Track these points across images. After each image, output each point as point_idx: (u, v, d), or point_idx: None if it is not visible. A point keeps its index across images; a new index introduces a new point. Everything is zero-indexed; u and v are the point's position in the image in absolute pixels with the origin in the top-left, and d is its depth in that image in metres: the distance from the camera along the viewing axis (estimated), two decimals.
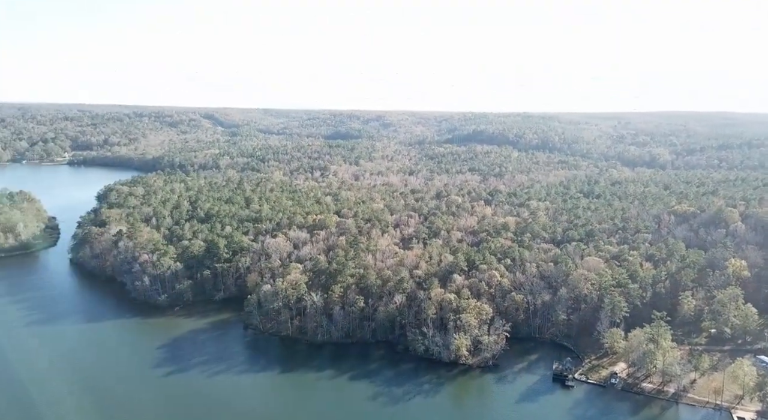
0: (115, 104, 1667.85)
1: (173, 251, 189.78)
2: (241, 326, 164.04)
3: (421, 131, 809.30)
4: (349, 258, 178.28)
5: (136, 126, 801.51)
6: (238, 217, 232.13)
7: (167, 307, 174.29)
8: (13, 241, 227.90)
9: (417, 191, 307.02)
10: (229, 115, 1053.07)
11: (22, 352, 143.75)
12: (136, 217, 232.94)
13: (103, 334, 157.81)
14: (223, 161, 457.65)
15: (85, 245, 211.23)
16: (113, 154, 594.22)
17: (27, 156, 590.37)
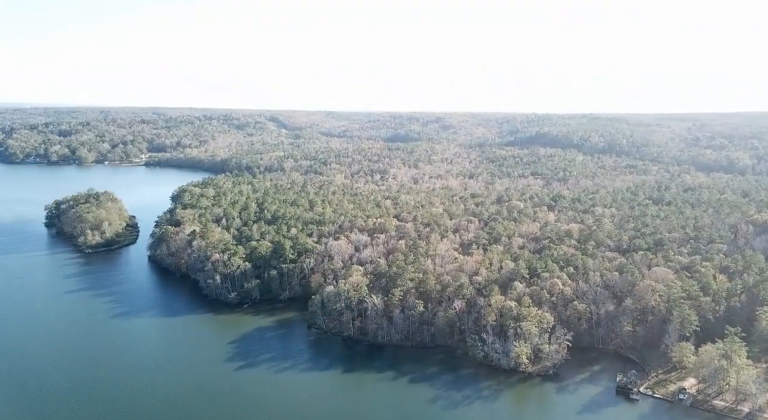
0: (187, 107, 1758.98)
1: (242, 251, 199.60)
2: (305, 325, 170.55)
3: (482, 133, 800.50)
4: (409, 262, 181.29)
5: (205, 128, 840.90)
6: (302, 219, 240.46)
7: (236, 304, 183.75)
8: (99, 238, 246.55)
9: (477, 195, 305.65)
10: (292, 117, 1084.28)
11: (111, 344, 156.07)
12: (207, 218, 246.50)
13: (179, 329, 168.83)
14: (287, 164, 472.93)
15: (162, 243, 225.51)
16: (185, 155, 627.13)
17: (109, 157, 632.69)
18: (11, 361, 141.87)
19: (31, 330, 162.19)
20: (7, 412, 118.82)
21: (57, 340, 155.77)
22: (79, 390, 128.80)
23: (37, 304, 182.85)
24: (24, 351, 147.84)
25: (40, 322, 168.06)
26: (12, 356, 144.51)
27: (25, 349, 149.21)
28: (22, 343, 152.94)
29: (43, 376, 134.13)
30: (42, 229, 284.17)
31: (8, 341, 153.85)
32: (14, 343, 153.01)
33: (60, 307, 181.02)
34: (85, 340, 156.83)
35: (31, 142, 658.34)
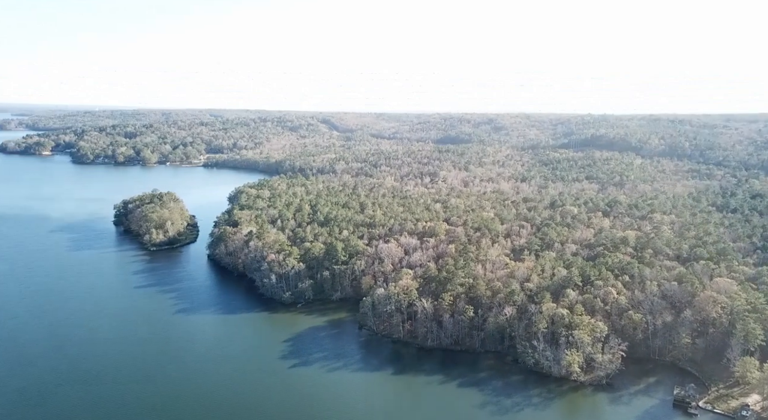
0: (242, 109, 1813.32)
1: (296, 252, 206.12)
2: (356, 326, 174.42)
3: (535, 135, 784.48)
4: (459, 267, 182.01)
5: (260, 130, 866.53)
6: (353, 221, 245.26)
7: (290, 303, 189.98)
8: (162, 237, 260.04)
9: (529, 200, 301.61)
10: (344, 119, 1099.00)
11: (174, 338, 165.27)
12: (263, 219, 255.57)
13: (237, 326, 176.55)
14: (338, 166, 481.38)
15: (220, 243, 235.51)
16: (241, 157, 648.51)
17: (170, 158, 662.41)
18: (82, 348, 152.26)
19: (103, 322, 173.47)
20: (73, 395, 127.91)
21: (125, 333, 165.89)
22: (142, 379, 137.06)
23: (108, 299, 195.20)
24: (94, 340, 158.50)
25: (110, 316, 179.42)
26: (83, 344, 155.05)
27: (95, 338, 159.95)
28: (93, 333, 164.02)
29: (110, 365, 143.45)
30: (111, 227, 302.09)
31: (81, 331, 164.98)
32: (86, 332, 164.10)
33: (128, 302, 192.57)
34: (150, 333, 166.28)
35: (100, 143, 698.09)
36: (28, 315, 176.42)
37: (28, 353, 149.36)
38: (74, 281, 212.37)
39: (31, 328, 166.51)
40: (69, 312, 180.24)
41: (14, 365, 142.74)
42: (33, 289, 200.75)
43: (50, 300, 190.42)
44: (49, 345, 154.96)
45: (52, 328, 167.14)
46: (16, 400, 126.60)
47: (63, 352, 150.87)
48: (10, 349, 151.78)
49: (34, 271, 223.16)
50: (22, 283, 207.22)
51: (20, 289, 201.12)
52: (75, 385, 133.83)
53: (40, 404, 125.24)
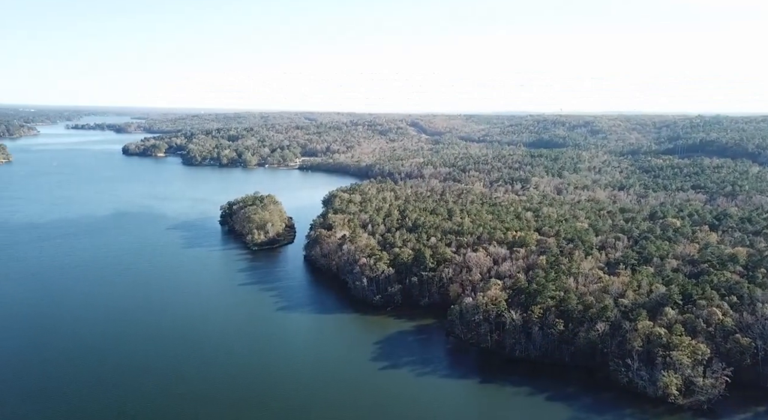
0: (334, 111, 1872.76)
1: (386, 257, 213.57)
2: (444, 333, 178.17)
3: (636, 139, 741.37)
4: (549, 279, 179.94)
5: (352, 134, 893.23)
6: (441, 228, 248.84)
7: (380, 307, 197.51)
8: (263, 237, 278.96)
9: (627, 210, 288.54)
10: (433, 122, 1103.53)
11: (273, 334, 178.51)
12: (356, 223, 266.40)
13: (330, 325, 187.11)
14: (426, 170, 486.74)
15: (316, 245, 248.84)
16: (334, 160, 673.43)
17: (268, 161, 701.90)
18: (188, 342, 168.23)
19: (211, 316, 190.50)
20: (169, 383, 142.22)
21: (230, 327, 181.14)
22: (239, 373, 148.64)
23: (216, 294, 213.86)
24: (197, 333, 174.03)
25: (217, 310, 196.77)
26: (189, 337, 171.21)
27: (199, 332, 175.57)
28: (198, 327, 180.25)
29: (210, 358, 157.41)
30: (217, 226, 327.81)
31: (186, 325, 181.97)
32: (190, 327, 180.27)
33: (233, 298, 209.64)
34: (251, 329, 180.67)
35: (207, 146, 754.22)
36: (152, 305, 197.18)
37: (151, 336, 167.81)
38: (187, 276, 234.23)
39: (154, 316, 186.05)
40: (183, 305, 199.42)
41: (140, 346, 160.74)
42: (154, 282, 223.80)
43: (167, 293, 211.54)
44: (166, 329, 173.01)
45: (171, 315, 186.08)
46: (125, 381, 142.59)
47: (175, 338, 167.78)
48: (141, 334, 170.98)
49: (155, 265, 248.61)
50: (145, 276, 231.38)
51: (145, 281, 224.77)
52: (174, 376, 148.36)
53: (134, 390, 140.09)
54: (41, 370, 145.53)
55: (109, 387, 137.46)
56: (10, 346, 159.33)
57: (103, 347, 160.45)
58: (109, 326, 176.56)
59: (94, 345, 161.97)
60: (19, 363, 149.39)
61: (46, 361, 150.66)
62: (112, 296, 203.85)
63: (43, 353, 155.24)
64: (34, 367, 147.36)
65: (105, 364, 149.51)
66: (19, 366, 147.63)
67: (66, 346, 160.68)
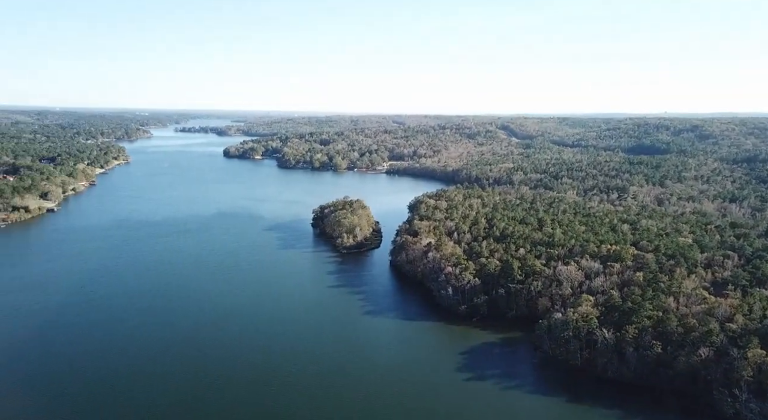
0: (422, 114, 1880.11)
1: (472, 267, 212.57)
2: (531, 347, 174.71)
3: (754, 145, 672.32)
4: (647, 298, 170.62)
5: (439, 138, 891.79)
6: (530, 239, 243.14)
7: (465, 317, 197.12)
8: (351, 241, 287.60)
9: (739, 225, 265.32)
10: (524, 125, 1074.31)
11: (358, 338, 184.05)
12: (441, 230, 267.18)
13: (414, 332, 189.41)
14: (516, 176, 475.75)
15: (401, 251, 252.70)
16: (420, 165, 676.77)
17: (357, 165, 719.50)
18: (278, 338, 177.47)
19: (301, 317, 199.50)
20: (257, 375, 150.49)
21: (315, 328, 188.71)
22: (324, 372, 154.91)
23: (307, 295, 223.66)
24: (287, 331, 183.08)
25: (307, 312, 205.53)
26: (279, 335, 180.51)
27: (289, 331, 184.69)
28: (288, 325, 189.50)
29: (298, 356, 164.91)
30: (309, 229, 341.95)
31: (277, 323, 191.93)
32: (280, 325, 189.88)
33: (322, 300, 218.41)
34: (338, 330, 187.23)
35: (300, 150, 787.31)
36: (247, 301, 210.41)
37: (244, 330, 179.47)
38: (281, 276, 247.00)
39: (248, 312, 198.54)
40: (275, 303, 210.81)
41: (238, 341, 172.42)
42: (250, 280, 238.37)
43: (261, 291, 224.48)
44: (259, 326, 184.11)
45: (263, 312, 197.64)
46: (211, 381, 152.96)
47: (266, 334, 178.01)
48: (235, 327, 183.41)
49: (252, 264, 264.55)
50: (243, 274, 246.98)
51: (242, 278, 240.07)
52: (263, 369, 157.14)
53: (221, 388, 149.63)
54: (148, 354, 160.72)
55: (203, 376, 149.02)
56: (122, 332, 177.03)
57: (200, 338, 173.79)
58: (206, 319, 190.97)
59: (190, 336, 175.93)
60: (130, 346, 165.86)
61: (149, 347, 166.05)
62: (211, 291, 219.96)
63: (145, 342, 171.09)
64: (144, 352, 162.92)
65: (200, 355, 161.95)
66: (130, 349, 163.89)
67: (164, 335, 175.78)
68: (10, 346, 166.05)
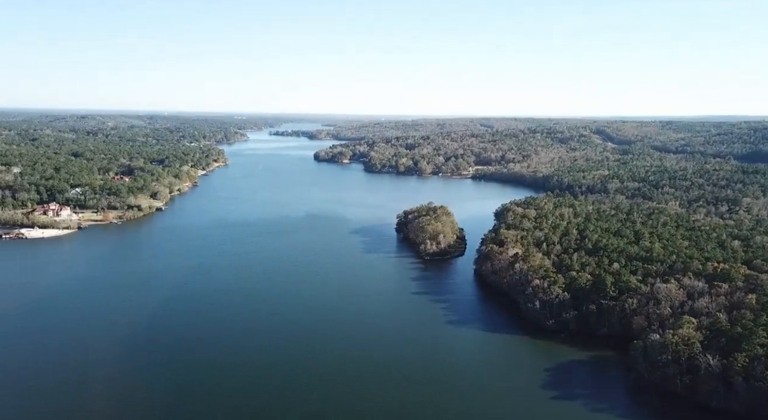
0: (511, 117, 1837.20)
1: (561, 280, 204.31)
2: (623, 368, 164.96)
3: None
4: (760, 323, 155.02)
5: (529, 142, 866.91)
6: (626, 253, 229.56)
7: (553, 332, 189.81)
8: (435, 248, 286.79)
9: None
10: (621, 130, 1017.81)
11: (440, 349, 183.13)
12: (529, 241, 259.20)
13: (497, 345, 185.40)
14: (611, 185, 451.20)
15: (486, 261, 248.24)
16: (508, 170, 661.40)
17: (442, 169, 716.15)
18: (359, 342, 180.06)
19: (384, 322, 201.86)
20: (336, 374, 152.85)
21: (396, 334, 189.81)
22: (404, 380, 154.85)
23: (389, 300, 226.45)
24: (369, 336, 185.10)
25: (385, 316, 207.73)
26: (360, 339, 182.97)
27: (370, 335, 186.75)
28: (370, 330, 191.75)
29: (378, 361, 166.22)
30: (393, 233, 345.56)
31: (359, 327, 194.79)
32: (362, 329, 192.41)
33: (403, 306, 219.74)
34: (419, 337, 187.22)
35: (386, 154, 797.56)
36: (330, 304, 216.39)
37: (326, 332, 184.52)
38: (364, 280, 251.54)
39: (331, 314, 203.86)
40: (358, 307, 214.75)
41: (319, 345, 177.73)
42: (334, 282, 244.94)
43: (344, 294, 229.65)
44: (341, 328, 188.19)
45: (346, 316, 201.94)
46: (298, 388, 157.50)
47: (347, 338, 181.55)
48: (318, 328, 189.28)
49: (337, 266, 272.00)
50: (328, 276, 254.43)
51: (326, 280, 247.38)
52: (342, 371, 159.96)
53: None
54: (227, 345, 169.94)
55: (280, 375, 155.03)
56: (216, 325, 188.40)
57: (284, 336, 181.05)
58: (290, 317, 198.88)
59: (274, 332, 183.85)
60: (222, 339, 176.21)
61: (238, 341, 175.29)
62: (297, 291, 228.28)
63: (235, 336, 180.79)
64: (233, 344, 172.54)
65: (283, 352, 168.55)
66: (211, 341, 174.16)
67: (251, 332, 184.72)
68: (117, 336, 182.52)
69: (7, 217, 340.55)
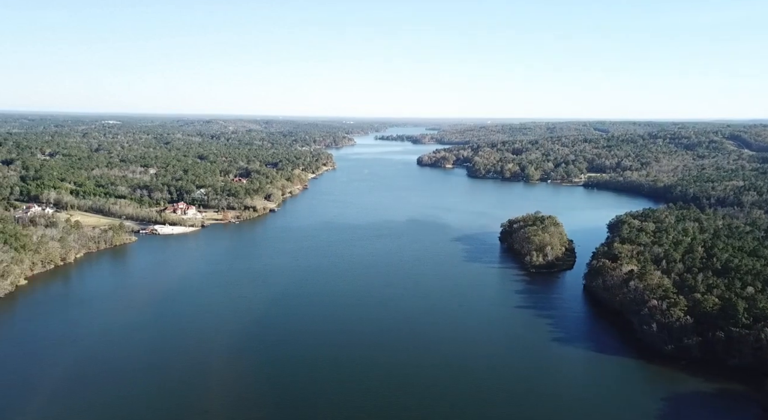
0: (629, 120, 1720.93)
1: (684, 303, 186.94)
2: (758, 406, 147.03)
3: None
4: None
5: (649, 148, 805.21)
6: (763, 276, 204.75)
7: (671, 358, 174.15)
8: (541, 260, 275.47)
9: None
10: (761, 135, 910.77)
11: (542, 366, 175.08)
12: (646, 257, 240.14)
13: (608, 367, 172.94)
14: (747, 197, 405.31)
15: (598, 276, 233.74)
16: (624, 178, 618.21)
17: (551, 176, 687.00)
18: (458, 354, 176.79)
19: (481, 334, 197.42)
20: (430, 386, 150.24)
21: (498, 349, 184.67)
22: (506, 400, 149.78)
23: (490, 311, 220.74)
24: (469, 349, 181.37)
25: (486, 328, 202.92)
26: (460, 351, 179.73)
27: (470, 348, 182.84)
28: (470, 342, 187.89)
29: (478, 376, 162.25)
30: (495, 242, 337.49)
31: (458, 338, 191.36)
32: (462, 341, 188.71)
33: (505, 319, 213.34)
34: (522, 354, 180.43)
35: (491, 159, 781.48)
36: (429, 310, 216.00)
37: (424, 339, 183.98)
38: (464, 289, 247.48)
39: (430, 320, 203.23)
40: (458, 317, 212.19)
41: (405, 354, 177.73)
42: (434, 290, 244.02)
43: (444, 302, 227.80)
44: (440, 338, 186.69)
45: (445, 325, 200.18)
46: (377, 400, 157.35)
47: (446, 349, 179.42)
48: (415, 335, 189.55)
49: (438, 274, 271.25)
50: (428, 283, 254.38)
51: (426, 287, 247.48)
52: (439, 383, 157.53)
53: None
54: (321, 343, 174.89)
55: (377, 381, 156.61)
56: (323, 326, 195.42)
57: (382, 343, 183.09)
58: (389, 324, 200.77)
59: (374, 337, 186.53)
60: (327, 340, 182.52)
61: (338, 344, 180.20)
62: (397, 297, 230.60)
63: (337, 339, 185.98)
64: (334, 348, 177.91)
65: (384, 360, 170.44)
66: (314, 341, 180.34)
67: (350, 334, 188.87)
68: (230, 329, 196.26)
69: (144, 214, 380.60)
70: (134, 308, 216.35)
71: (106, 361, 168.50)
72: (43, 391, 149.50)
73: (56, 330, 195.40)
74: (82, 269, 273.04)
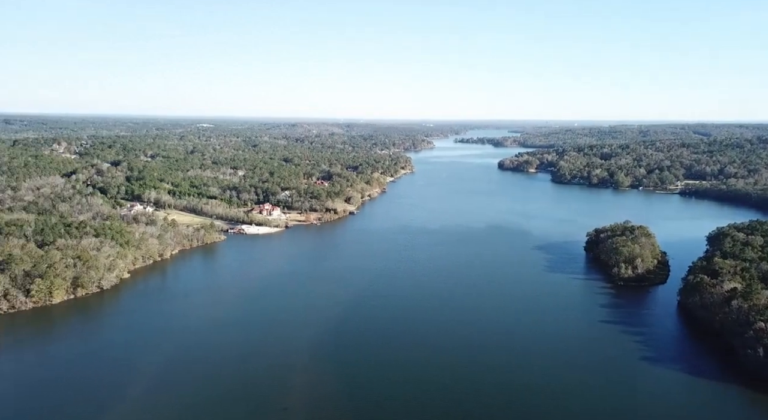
0: (734, 123, 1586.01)
1: None
2: None
3: None
4: None
5: (758, 154, 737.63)
6: None
7: None
8: (630, 273, 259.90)
9: None
10: None
11: (633, 387, 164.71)
12: (753, 274, 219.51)
13: (706, 393, 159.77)
14: None
15: (694, 293, 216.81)
16: (727, 186, 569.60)
17: (643, 183, 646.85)
18: (536, 368, 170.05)
19: (563, 348, 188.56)
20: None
21: (582, 366, 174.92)
22: None
23: (571, 325, 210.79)
24: (549, 362, 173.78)
25: (569, 343, 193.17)
26: (539, 365, 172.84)
27: (550, 362, 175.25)
28: (550, 356, 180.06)
29: (558, 394, 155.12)
30: (580, 252, 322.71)
31: (538, 351, 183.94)
32: (542, 355, 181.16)
33: (589, 333, 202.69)
34: (608, 373, 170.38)
35: (577, 164, 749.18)
36: (510, 320, 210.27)
37: (503, 351, 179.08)
38: (546, 300, 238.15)
39: (509, 330, 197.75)
40: (539, 329, 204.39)
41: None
42: (514, 298, 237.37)
43: (524, 312, 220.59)
44: (520, 349, 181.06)
45: (525, 336, 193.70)
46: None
47: (524, 361, 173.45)
48: (492, 345, 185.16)
49: (518, 282, 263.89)
50: (507, 291, 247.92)
51: (506, 295, 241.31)
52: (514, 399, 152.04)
53: None
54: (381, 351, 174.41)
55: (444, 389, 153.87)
56: (393, 329, 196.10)
57: (455, 352, 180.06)
58: (464, 332, 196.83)
59: (449, 347, 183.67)
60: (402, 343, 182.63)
61: (412, 351, 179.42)
62: (475, 307, 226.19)
63: (411, 344, 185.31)
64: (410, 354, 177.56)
65: (457, 371, 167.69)
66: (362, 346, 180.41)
67: (421, 341, 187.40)
68: (309, 330, 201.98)
69: (233, 215, 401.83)
70: (224, 303, 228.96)
71: (197, 352, 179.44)
72: (146, 374, 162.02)
73: (155, 321, 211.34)
74: (177, 265, 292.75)
